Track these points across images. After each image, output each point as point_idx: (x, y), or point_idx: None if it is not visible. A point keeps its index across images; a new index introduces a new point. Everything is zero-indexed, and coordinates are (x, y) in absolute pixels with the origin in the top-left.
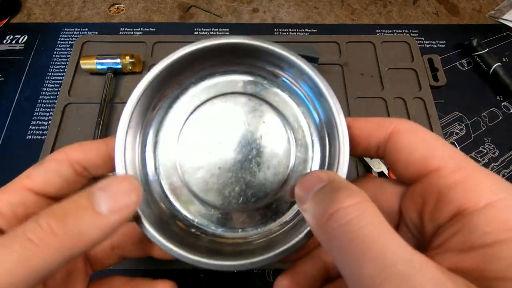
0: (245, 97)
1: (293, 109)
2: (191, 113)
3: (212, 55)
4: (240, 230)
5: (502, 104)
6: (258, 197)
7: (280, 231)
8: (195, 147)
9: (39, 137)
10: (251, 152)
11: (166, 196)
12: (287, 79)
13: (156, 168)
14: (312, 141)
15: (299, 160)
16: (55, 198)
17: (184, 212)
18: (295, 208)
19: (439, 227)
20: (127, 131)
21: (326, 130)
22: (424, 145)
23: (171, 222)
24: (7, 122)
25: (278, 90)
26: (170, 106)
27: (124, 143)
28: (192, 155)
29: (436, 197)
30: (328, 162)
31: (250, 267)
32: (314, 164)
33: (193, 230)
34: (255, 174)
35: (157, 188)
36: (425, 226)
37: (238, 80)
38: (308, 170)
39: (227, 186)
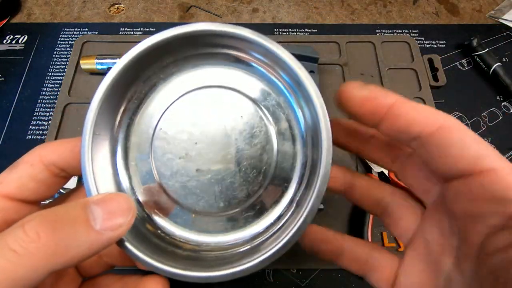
0: (219, 91)
1: (273, 101)
2: (163, 113)
3: (176, 45)
4: (222, 234)
5: (502, 104)
6: (240, 198)
7: (265, 235)
8: (169, 149)
9: (39, 137)
10: (229, 151)
11: (142, 206)
12: (264, 68)
13: (129, 176)
14: (296, 135)
15: (283, 157)
16: (35, 202)
17: (163, 220)
18: (279, 209)
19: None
20: (92, 140)
21: (309, 123)
22: (476, 144)
23: (150, 234)
24: (7, 122)
25: (255, 81)
26: (138, 107)
27: (91, 153)
28: (167, 158)
29: (491, 197)
30: (313, 157)
31: (233, 277)
32: (299, 159)
33: (173, 238)
34: (235, 175)
35: (132, 197)
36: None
37: (209, 72)
38: (294, 165)
39: (206, 189)
